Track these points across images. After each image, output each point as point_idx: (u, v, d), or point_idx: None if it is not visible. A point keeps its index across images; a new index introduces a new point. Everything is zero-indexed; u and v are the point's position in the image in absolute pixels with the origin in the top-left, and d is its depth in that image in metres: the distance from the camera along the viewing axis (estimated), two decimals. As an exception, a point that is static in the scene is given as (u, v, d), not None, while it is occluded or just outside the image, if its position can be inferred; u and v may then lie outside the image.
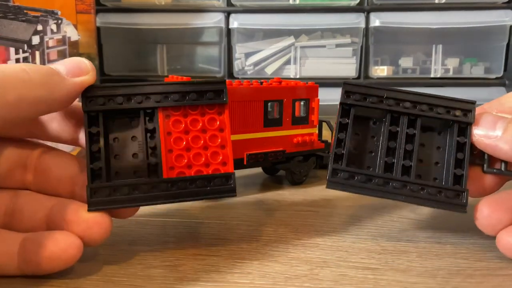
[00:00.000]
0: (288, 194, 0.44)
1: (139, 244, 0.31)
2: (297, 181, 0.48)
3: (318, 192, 0.44)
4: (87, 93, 0.27)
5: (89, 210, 0.26)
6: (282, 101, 0.45)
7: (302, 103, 0.47)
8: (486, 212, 0.29)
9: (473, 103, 0.30)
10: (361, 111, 0.31)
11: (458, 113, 0.30)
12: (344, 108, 0.31)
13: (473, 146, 0.30)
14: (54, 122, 0.29)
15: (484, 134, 0.29)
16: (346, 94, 0.30)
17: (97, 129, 0.27)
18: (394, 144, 0.30)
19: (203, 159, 0.28)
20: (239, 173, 0.49)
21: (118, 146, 0.28)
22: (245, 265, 0.28)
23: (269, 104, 0.45)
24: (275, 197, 0.43)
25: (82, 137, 0.28)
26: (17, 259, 0.25)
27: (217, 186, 0.28)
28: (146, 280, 0.26)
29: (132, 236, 0.33)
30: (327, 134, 0.51)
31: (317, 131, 0.49)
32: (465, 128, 0.30)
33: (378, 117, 0.31)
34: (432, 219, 0.37)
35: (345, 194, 0.43)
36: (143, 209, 0.38)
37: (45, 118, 0.29)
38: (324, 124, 0.51)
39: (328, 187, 0.30)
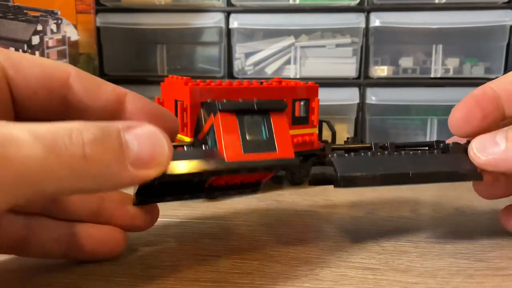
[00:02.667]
0: (288, 194, 0.44)
1: (139, 244, 0.31)
2: (297, 181, 0.48)
3: (318, 192, 0.44)
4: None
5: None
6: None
7: (302, 103, 0.47)
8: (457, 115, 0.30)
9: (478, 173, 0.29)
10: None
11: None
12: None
13: None
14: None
15: (487, 153, 0.28)
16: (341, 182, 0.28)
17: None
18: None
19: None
20: (239, 173, 0.49)
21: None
22: (245, 265, 0.28)
23: (269, 104, 0.45)
24: (275, 197, 0.43)
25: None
26: (65, 246, 0.27)
27: (247, 190, 0.30)
28: (146, 280, 0.26)
29: (132, 236, 0.33)
30: (327, 134, 0.51)
31: (317, 131, 0.49)
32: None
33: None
34: (432, 219, 0.37)
35: (345, 194, 0.43)
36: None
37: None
38: (324, 124, 0.51)
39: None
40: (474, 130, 0.31)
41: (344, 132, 0.59)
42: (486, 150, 0.28)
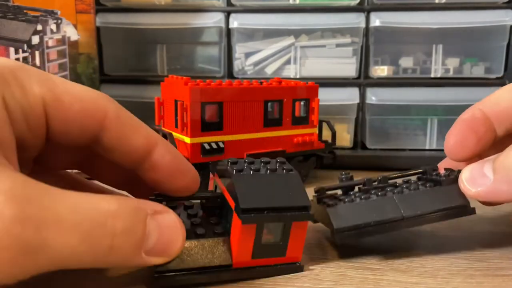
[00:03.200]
0: (288, 194, 0.44)
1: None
2: (297, 181, 0.48)
3: (318, 192, 0.44)
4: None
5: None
6: (282, 101, 0.45)
7: (302, 103, 0.47)
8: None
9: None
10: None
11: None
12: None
13: None
14: None
15: (476, 185, 0.28)
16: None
17: None
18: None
19: None
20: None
21: None
22: (245, 265, 0.28)
23: (269, 104, 0.45)
24: (275, 197, 0.43)
25: None
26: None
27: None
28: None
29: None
30: (327, 134, 0.51)
31: (317, 131, 0.49)
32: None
33: None
34: (432, 219, 0.37)
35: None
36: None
37: None
38: (324, 124, 0.51)
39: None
40: (470, 154, 0.31)
41: (344, 132, 0.59)
42: (475, 182, 0.28)
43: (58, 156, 0.27)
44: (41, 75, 0.23)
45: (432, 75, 0.58)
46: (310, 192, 0.45)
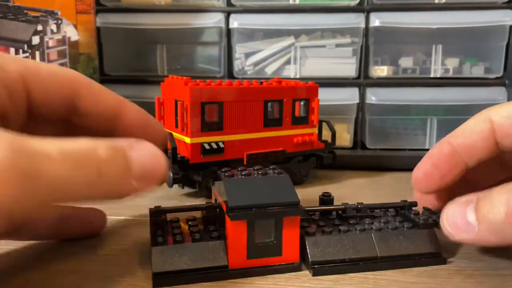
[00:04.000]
0: (288, 194, 0.44)
1: (140, 244, 0.31)
2: (297, 181, 0.48)
3: (318, 192, 0.44)
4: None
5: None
6: (282, 101, 0.45)
7: (302, 103, 0.47)
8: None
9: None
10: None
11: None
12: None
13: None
14: None
15: (461, 232, 0.27)
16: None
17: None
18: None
19: None
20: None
21: None
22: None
23: (269, 104, 0.45)
24: (275, 197, 0.43)
25: None
26: (55, 228, 0.31)
27: None
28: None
29: (133, 236, 0.33)
30: (327, 134, 0.51)
31: (317, 131, 0.49)
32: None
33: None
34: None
35: (344, 194, 0.43)
36: (143, 210, 0.38)
37: None
38: (324, 124, 0.51)
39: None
40: (435, 188, 0.31)
41: (344, 132, 0.59)
42: (459, 229, 0.27)
43: (38, 132, 0.28)
44: (15, 57, 0.26)
45: (432, 75, 0.58)
46: (309, 191, 0.45)
